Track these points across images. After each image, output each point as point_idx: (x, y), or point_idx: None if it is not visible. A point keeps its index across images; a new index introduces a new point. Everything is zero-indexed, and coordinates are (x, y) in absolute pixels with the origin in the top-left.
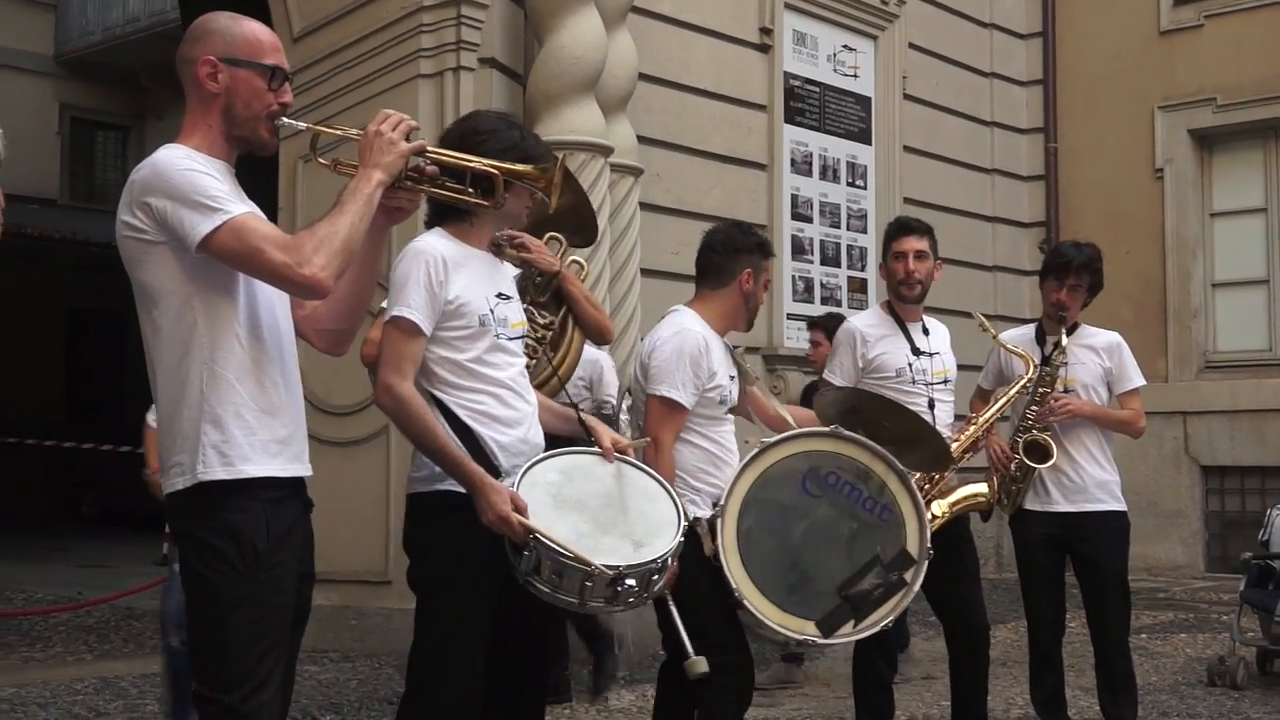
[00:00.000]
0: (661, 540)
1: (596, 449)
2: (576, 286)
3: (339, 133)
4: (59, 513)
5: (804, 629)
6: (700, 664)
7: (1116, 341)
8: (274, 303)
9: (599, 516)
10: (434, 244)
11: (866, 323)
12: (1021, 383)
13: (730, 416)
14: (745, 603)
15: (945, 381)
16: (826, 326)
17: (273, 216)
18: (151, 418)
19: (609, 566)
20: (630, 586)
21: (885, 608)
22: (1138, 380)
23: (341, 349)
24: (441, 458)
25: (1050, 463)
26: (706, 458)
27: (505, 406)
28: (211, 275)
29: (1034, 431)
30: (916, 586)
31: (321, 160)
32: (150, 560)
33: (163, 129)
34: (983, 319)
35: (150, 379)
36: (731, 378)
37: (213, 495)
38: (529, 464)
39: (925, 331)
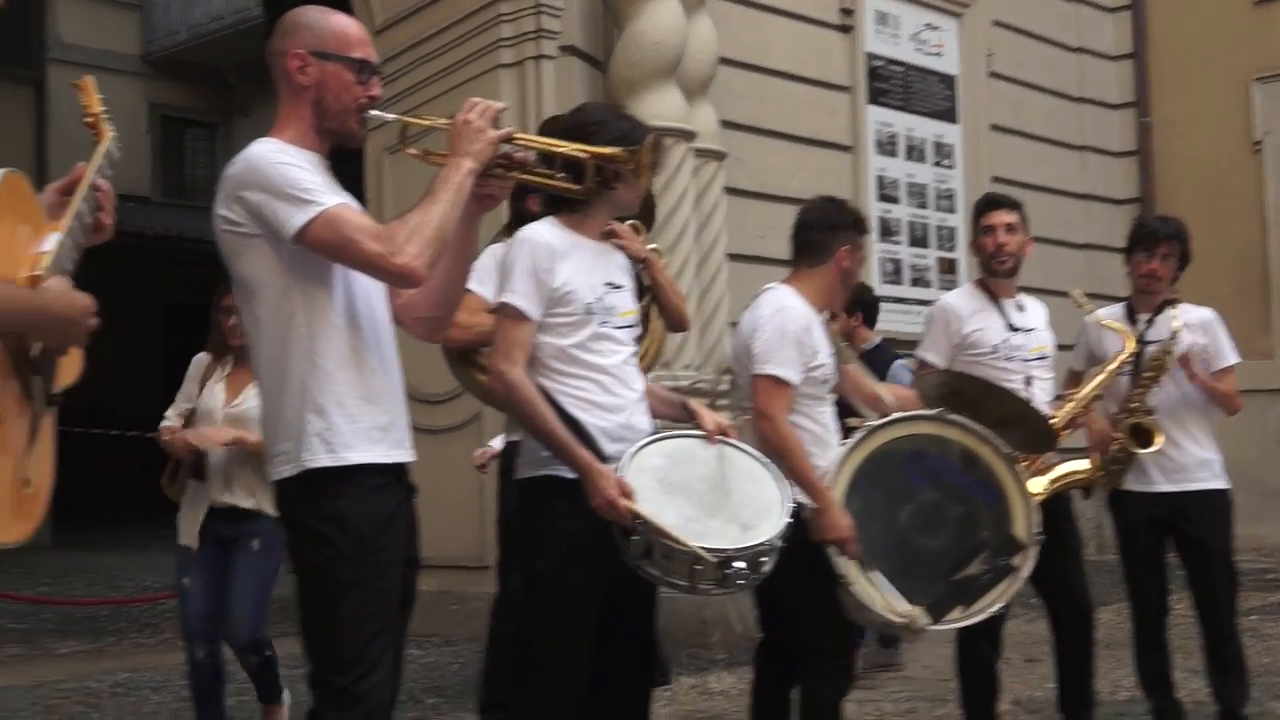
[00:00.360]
0: (769, 523)
1: (699, 431)
2: (661, 274)
3: (427, 123)
4: (160, 503)
5: (912, 614)
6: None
7: (1211, 318)
8: (371, 292)
9: (705, 500)
10: (541, 232)
11: (959, 300)
12: (1120, 358)
13: (830, 396)
14: (852, 587)
15: (1042, 358)
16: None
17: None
18: (167, 420)
19: (718, 550)
20: (740, 569)
21: (994, 593)
22: (1233, 357)
23: (438, 335)
24: (551, 442)
25: (1156, 448)
26: (810, 439)
27: (608, 393)
28: (308, 266)
29: (1139, 414)
30: (1025, 572)
31: (411, 151)
32: None
33: (250, 125)
34: (1078, 295)
35: (253, 370)
36: (832, 355)
37: (318, 482)
38: (635, 449)
39: (1020, 308)
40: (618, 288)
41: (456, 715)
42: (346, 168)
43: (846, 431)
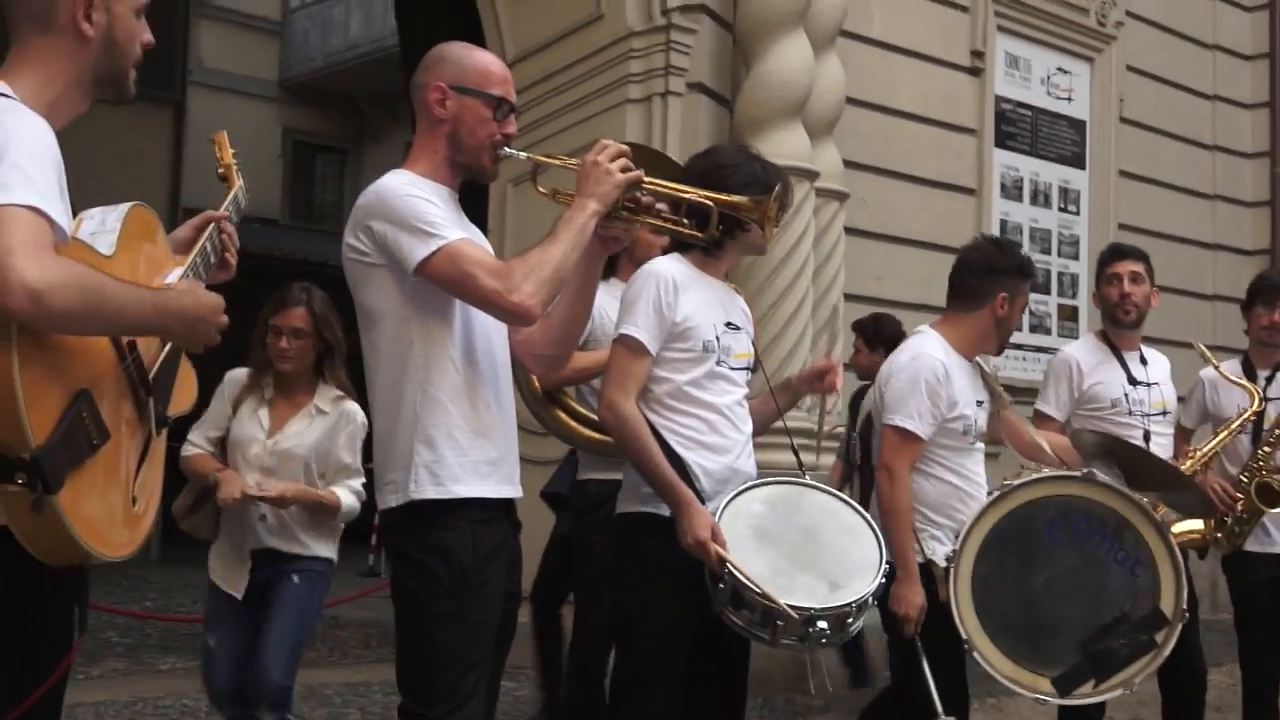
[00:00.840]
0: (860, 583)
1: (803, 479)
2: None
3: (559, 163)
4: None
5: (1038, 685)
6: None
7: None
8: (489, 327)
9: (798, 554)
10: (667, 266)
11: (1081, 351)
12: (1245, 415)
13: (979, 446)
14: (975, 653)
15: (1164, 413)
16: (865, 330)
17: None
18: (191, 446)
19: (801, 609)
20: (823, 629)
21: (1131, 669)
22: None
23: (555, 373)
24: (654, 478)
25: None
26: (952, 492)
27: (715, 433)
28: (429, 299)
29: (1264, 473)
30: (1168, 650)
31: (541, 189)
32: (355, 570)
33: (379, 152)
34: (1203, 348)
35: (369, 398)
36: (980, 403)
37: (424, 513)
38: (734, 492)
39: (1143, 361)
40: (736, 329)
41: None
42: (471, 199)
43: None
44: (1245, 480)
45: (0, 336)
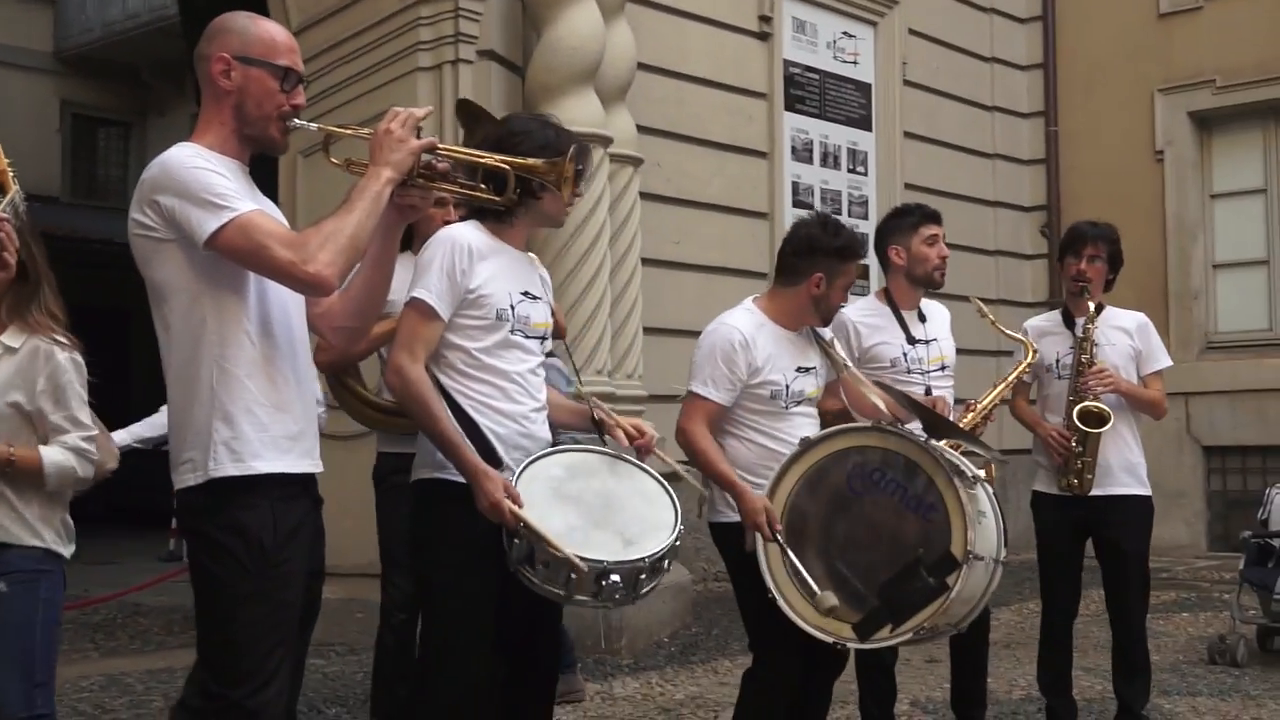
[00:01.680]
0: (652, 541)
1: (605, 450)
2: None
3: (350, 132)
4: (121, 510)
5: (840, 631)
6: (829, 598)
7: (1144, 322)
8: (286, 300)
9: (594, 513)
10: (463, 233)
11: (860, 312)
12: (1019, 368)
13: (800, 409)
14: (781, 602)
15: (943, 368)
16: None
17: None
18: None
19: (593, 561)
20: (615, 583)
21: (924, 613)
22: (1165, 361)
23: (355, 346)
24: (441, 442)
25: (1110, 425)
26: (765, 453)
27: (510, 400)
28: (221, 273)
29: (1084, 401)
30: (956, 590)
31: (334, 160)
32: (155, 556)
33: (164, 125)
34: (980, 304)
35: (165, 376)
36: (806, 370)
37: (223, 492)
38: (533, 458)
39: (922, 318)
40: (535, 298)
41: None
42: (262, 171)
43: None
44: (1071, 414)
45: None
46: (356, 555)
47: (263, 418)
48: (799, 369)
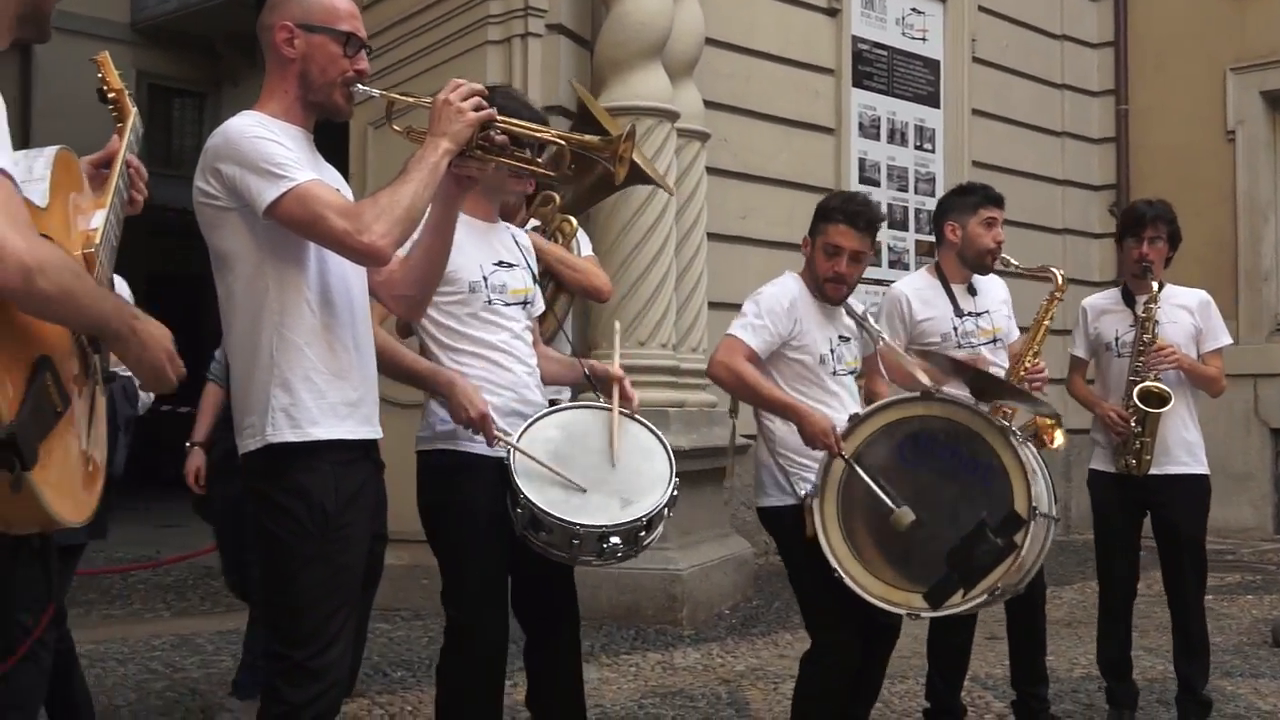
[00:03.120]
0: (649, 499)
1: (598, 404)
2: (550, 249)
3: (411, 100)
4: (139, 475)
5: (910, 601)
6: (907, 514)
7: (1206, 299)
8: (346, 269)
9: (591, 475)
10: None
11: (911, 287)
12: (1053, 299)
13: (841, 382)
14: (846, 579)
15: (994, 340)
16: None
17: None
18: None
19: (592, 527)
20: (615, 544)
21: (995, 574)
22: (1225, 339)
23: (417, 314)
24: (412, 378)
25: (1170, 404)
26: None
27: (498, 369)
28: (282, 242)
29: (1145, 381)
30: (1026, 548)
31: (395, 127)
32: None
33: (238, 95)
34: (1006, 257)
35: (224, 342)
36: (844, 339)
37: (282, 456)
38: (529, 422)
39: (971, 291)
40: (510, 265)
41: (422, 689)
42: (331, 142)
43: None
44: (1131, 394)
45: None
46: (407, 522)
47: (321, 385)
48: (840, 337)
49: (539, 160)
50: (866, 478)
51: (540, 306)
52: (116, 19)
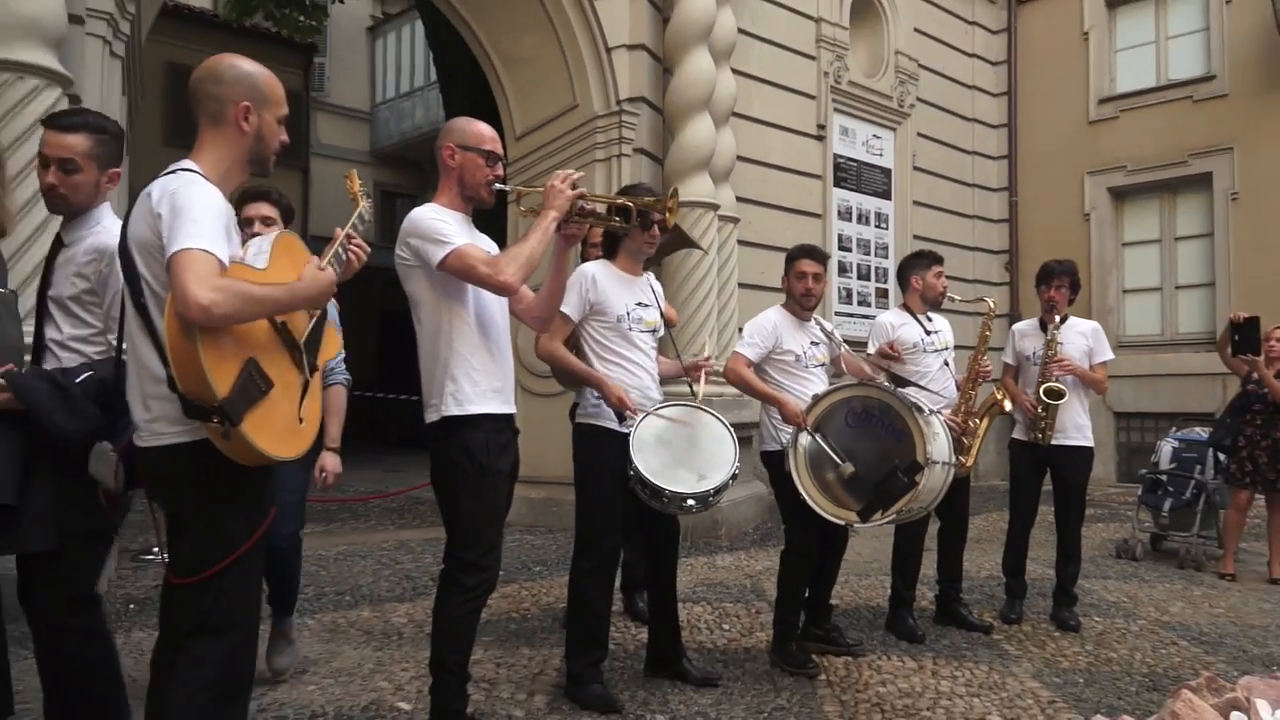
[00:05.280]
0: (718, 475)
1: (692, 404)
2: None
3: (531, 190)
4: (374, 439)
5: (849, 517)
6: (849, 467)
7: (1097, 327)
8: (492, 302)
9: (680, 455)
10: (589, 268)
11: (893, 315)
12: (986, 317)
13: (813, 372)
14: (809, 500)
15: (946, 348)
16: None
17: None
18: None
19: (677, 493)
20: (691, 505)
21: (901, 501)
22: (1109, 354)
23: (545, 328)
24: (582, 378)
25: (1065, 399)
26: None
27: (630, 375)
28: (451, 287)
29: (1049, 382)
30: (922, 484)
31: (521, 207)
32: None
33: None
34: (991, 303)
35: (419, 351)
36: (815, 344)
37: (452, 425)
38: (646, 413)
39: (929, 318)
40: (646, 305)
41: (552, 579)
42: (496, 226)
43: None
44: (1040, 391)
45: (189, 333)
46: (552, 469)
47: (476, 378)
48: (811, 343)
49: (616, 219)
50: (822, 443)
51: (662, 332)
52: (361, 148)
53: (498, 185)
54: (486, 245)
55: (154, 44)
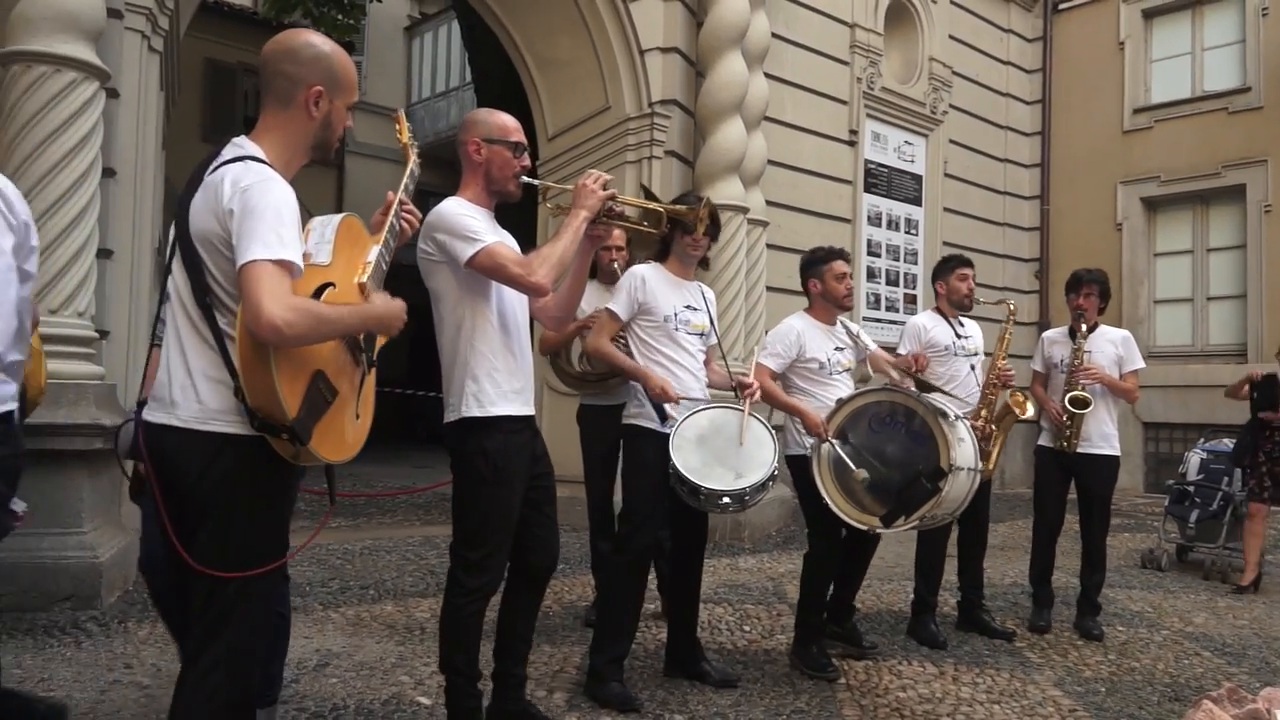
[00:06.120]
0: (755, 476)
1: (735, 405)
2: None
3: (560, 187)
4: (402, 435)
5: (871, 522)
6: (862, 473)
7: (1128, 336)
8: (514, 301)
9: (720, 453)
10: (641, 270)
11: (925, 319)
12: (1008, 323)
13: (839, 377)
14: (832, 506)
15: (976, 354)
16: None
17: (533, 248)
18: None
19: (714, 490)
20: (728, 503)
21: (925, 507)
22: (1139, 363)
23: (564, 328)
24: (625, 369)
25: (1090, 408)
26: (814, 407)
27: (673, 375)
28: (474, 283)
29: (1075, 390)
30: (945, 490)
31: (548, 204)
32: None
33: None
34: (1011, 305)
35: (438, 348)
36: (840, 349)
37: (470, 426)
38: (689, 412)
39: (961, 323)
40: (694, 309)
41: (574, 577)
42: (524, 228)
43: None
44: (1064, 401)
45: (262, 352)
46: (575, 468)
47: (498, 378)
48: (835, 348)
49: (645, 223)
50: (840, 452)
51: (714, 339)
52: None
53: (525, 179)
54: (510, 243)
55: (192, 40)
